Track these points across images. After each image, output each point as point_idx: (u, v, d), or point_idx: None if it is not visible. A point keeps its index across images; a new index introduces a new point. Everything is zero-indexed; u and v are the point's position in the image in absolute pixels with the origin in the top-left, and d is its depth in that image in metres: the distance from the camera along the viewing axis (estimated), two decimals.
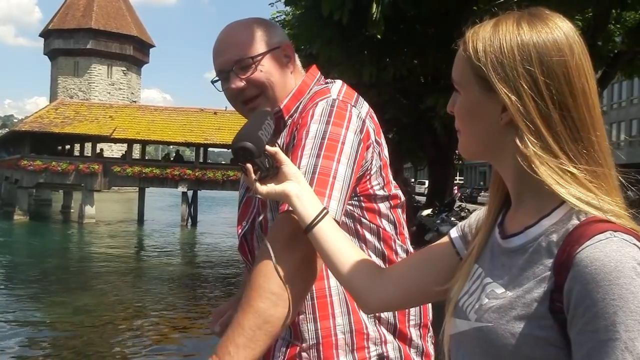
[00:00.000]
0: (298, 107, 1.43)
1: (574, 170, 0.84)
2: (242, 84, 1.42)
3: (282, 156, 1.18)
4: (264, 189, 1.17)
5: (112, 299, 13.41)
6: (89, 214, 32.32)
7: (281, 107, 1.44)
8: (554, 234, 0.84)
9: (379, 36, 4.50)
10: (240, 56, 1.42)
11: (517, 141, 0.86)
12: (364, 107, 1.41)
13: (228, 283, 15.95)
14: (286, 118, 1.44)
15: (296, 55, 1.52)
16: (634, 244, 0.77)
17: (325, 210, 1.16)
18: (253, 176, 1.15)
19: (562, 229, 0.83)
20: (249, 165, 1.14)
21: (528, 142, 0.85)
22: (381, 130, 1.45)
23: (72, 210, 38.61)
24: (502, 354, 0.83)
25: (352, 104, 1.36)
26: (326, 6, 4.71)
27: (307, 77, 1.50)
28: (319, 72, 1.53)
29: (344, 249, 1.13)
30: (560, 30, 0.87)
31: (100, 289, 14.51)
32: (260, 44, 1.44)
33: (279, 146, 1.38)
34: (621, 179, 0.88)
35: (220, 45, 1.46)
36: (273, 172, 1.18)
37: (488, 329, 0.85)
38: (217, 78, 1.49)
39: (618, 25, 9.50)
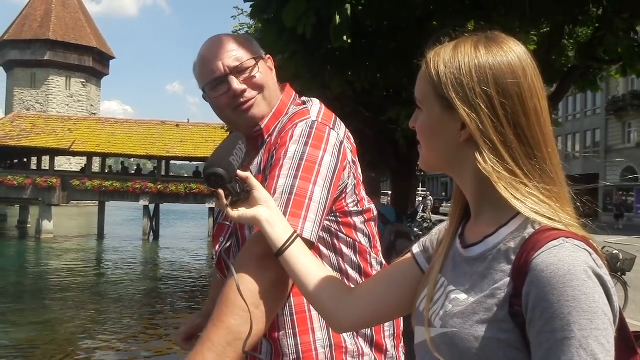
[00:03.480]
0: (277, 126, 1.45)
1: (529, 185, 0.90)
2: (243, 86, 1.44)
3: (253, 181, 1.20)
4: (235, 213, 1.19)
5: (70, 316, 13.06)
6: (47, 229, 31.43)
7: (262, 126, 1.46)
8: (512, 242, 0.89)
9: (343, 46, 4.52)
10: (240, 59, 1.45)
11: (477, 156, 0.91)
12: (342, 128, 1.44)
13: (190, 298, 15.71)
14: (265, 137, 1.45)
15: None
16: (585, 249, 0.83)
17: (296, 234, 1.18)
18: (225, 201, 1.16)
19: (518, 237, 0.88)
20: (221, 191, 1.16)
21: (486, 158, 0.90)
22: (356, 150, 1.48)
23: (28, 226, 37.44)
24: (467, 357, 0.86)
25: (331, 127, 1.39)
26: (288, 19, 4.72)
27: (285, 96, 1.52)
28: (294, 92, 1.56)
29: (314, 272, 1.16)
30: (514, 53, 0.93)
31: (58, 306, 14.10)
32: (253, 51, 1.49)
33: (256, 165, 1.40)
34: (571, 192, 0.94)
35: (212, 51, 1.47)
36: (244, 196, 1.19)
37: (453, 334, 0.89)
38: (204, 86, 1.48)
39: (571, 41, 9.82)
